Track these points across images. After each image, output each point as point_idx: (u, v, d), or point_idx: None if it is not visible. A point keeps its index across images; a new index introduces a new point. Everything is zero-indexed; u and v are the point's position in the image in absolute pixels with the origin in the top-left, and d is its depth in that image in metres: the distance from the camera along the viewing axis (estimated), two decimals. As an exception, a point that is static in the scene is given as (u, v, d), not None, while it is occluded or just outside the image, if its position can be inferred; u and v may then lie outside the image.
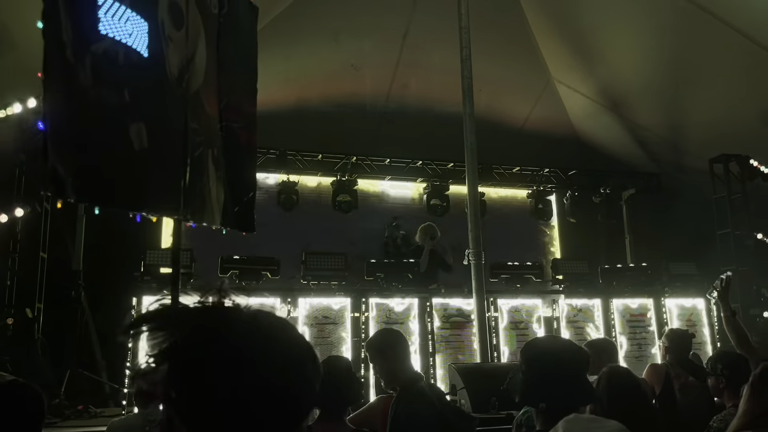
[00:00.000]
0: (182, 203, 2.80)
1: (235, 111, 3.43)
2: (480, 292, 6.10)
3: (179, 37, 2.83)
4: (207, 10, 3.15)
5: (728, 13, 6.62)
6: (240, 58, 3.57)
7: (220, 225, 3.27)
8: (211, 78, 3.16)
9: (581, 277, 7.83)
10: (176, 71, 2.80)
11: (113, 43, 2.34)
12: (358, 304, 6.64)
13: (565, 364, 1.94)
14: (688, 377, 4.27)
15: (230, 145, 3.35)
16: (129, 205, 2.53)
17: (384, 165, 9.79)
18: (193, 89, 2.97)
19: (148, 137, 2.50)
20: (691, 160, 9.40)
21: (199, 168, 3.01)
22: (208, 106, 3.13)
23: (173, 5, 2.77)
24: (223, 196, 3.24)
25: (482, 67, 7.10)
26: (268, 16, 7.69)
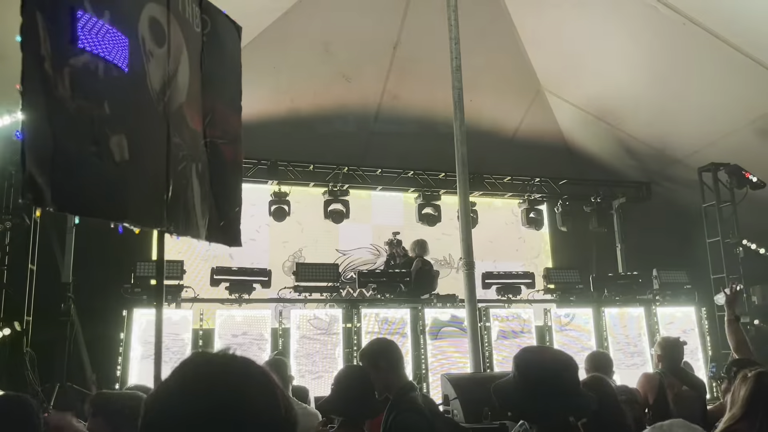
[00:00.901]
0: (165, 215, 2.83)
1: (220, 127, 3.47)
2: (472, 302, 6.09)
3: (161, 53, 2.88)
4: (190, 28, 3.21)
5: (715, 24, 6.70)
6: (224, 76, 3.62)
7: (205, 239, 3.30)
8: (194, 95, 3.21)
9: (573, 286, 7.87)
10: (158, 86, 2.84)
11: (92, 57, 2.38)
12: (350, 314, 6.63)
13: (562, 376, 1.91)
14: (682, 386, 4.26)
15: (215, 160, 3.39)
16: (109, 215, 2.55)
17: (375, 175, 9.79)
18: (176, 105, 3.01)
19: (129, 149, 2.53)
20: (680, 169, 9.47)
21: (183, 182, 3.03)
22: (191, 122, 3.17)
23: (154, 23, 2.82)
24: (208, 210, 3.27)
25: (473, 77, 7.14)
26: (258, 28, 7.71)
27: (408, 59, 8.48)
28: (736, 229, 8.70)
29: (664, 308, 7.83)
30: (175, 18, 3.00)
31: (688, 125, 8.56)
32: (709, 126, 8.33)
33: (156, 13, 2.85)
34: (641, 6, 6.84)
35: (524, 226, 10.42)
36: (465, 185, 6.31)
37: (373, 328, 6.69)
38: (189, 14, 3.21)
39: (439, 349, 6.88)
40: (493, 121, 9.36)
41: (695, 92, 7.89)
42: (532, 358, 2.08)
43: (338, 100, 8.83)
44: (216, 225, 3.34)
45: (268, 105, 8.68)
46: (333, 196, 9.32)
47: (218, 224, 3.37)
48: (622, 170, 10.44)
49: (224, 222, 3.44)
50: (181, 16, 3.10)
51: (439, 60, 6.85)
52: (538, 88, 9.37)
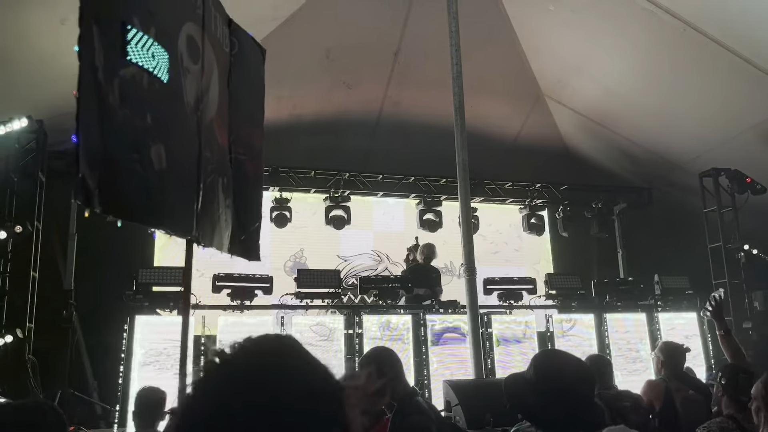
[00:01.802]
0: (195, 225, 2.95)
1: (244, 144, 3.64)
2: (473, 308, 6.09)
3: (196, 69, 3.04)
4: (220, 48, 3.39)
5: (715, 30, 6.72)
6: (248, 95, 3.82)
7: (228, 251, 3.43)
8: (222, 111, 3.36)
9: (574, 292, 7.86)
10: (192, 101, 2.99)
11: (139, 70, 2.52)
12: (351, 321, 6.63)
13: (579, 388, 1.88)
14: (688, 391, 4.24)
15: (238, 175, 3.55)
16: (148, 221, 2.67)
17: (377, 181, 9.82)
18: (207, 120, 3.16)
19: (167, 159, 2.66)
20: (681, 174, 9.48)
21: (211, 194, 3.16)
22: (219, 137, 3.33)
23: (191, 41, 2.98)
24: (231, 223, 3.40)
25: (473, 84, 7.16)
26: (259, 36, 7.73)
27: (409, 66, 8.51)
28: (737, 235, 8.70)
29: (666, 314, 7.82)
30: (208, 37, 3.17)
31: (688, 130, 8.57)
32: (709, 131, 8.34)
33: (193, 32, 3.01)
34: (640, 12, 6.86)
35: (525, 231, 10.43)
36: (466, 191, 6.33)
37: (375, 334, 6.68)
38: (220, 35, 3.40)
39: (440, 355, 6.87)
40: (493, 126, 9.39)
41: (695, 97, 7.91)
42: (554, 364, 2.03)
43: (339, 106, 8.86)
44: (237, 238, 3.47)
45: (269, 112, 8.61)
46: (334, 202, 9.34)
47: (239, 238, 3.50)
48: (623, 175, 10.46)
49: (245, 236, 3.58)
50: (213, 36, 3.27)
51: (440, 66, 6.88)
52: (539, 93, 9.40)
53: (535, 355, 2.07)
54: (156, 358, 5.80)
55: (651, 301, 7.99)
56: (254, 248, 3.73)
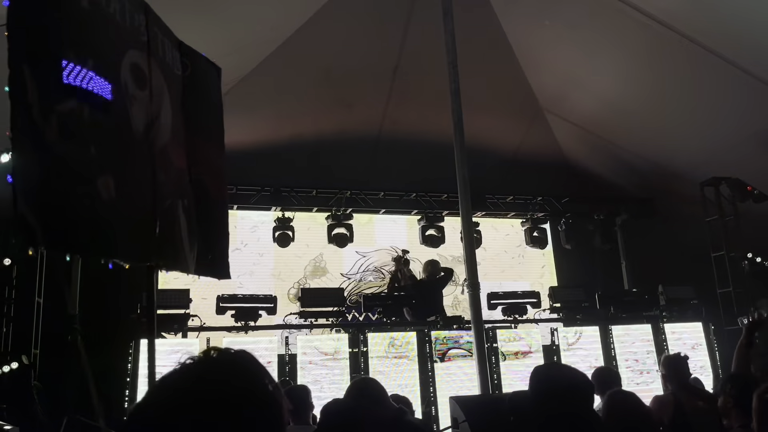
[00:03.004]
0: (153, 251, 2.94)
1: (204, 164, 3.62)
2: (478, 323, 6.07)
3: (143, 96, 3.02)
4: (170, 72, 3.38)
5: (711, 40, 6.77)
6: (206, 115, 3.80)
7: (194, 272, 3.41)
8: (178, 134, 3.35)
9: (579, 305, 7.85)
10: (142, 128, 2.97)
11: (78, 103, 2.49)
12: (356, 339, 6.62)
13: (576, 397, 1.90)
14: (698, 401, 4.20)
15: (201, 195, 3.53)
16: (99, 253, 2.64)
17: (378, 198, 9.85)
18: (160, 144, 3.14)
19: (116, 188, 2.64)
20: (682, 184, 9.49)
21: (170, 218, 3.15)
22: (176, 160, 3.31)
23: (135, 68, 2.96)
24: (196, 244, 3.39)
25: (472, 100, 7.20)
26: (259, 57, 7.84)
27: (408, 83, 8.58)
28: (740, 243, 8.69)
29: (672, 324, 7.79)
30: (155, 62, 3.15)
31: (688, 140, 8.60)
32: (709, 140, 8.36)
33: (137, 59, 2.99)
34: (636, 24, 6.92)
35: (528, 245, 10.42)
36: (467, 206, 6.34)
37: (379, 352, 6.67)
38: (169, 59, 3.37)
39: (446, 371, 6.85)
40: (493, 141, 9.43)
41: (694, 107, 7.95)
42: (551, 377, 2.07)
43: (339, 125, 8.91)
44: (204, 258, 3.45)
45: (270, 132, 8.78)
46: (336, 220, 9.37)
47: (206, 258, 3.48)
48: (624, 187, 10.47)
49: (212, 255, 3.55)
50: (161, 60, 3.25)
51: (439, 83, 6.92)
52: (537, 108, 9.45)
53: (534, 368, 2.09)
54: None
55: (656, 312, 7.96)
56: (223, 267, 3.71)
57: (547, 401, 1.88)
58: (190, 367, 1.04)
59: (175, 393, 1.00)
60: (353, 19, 7.67)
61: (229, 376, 1.02)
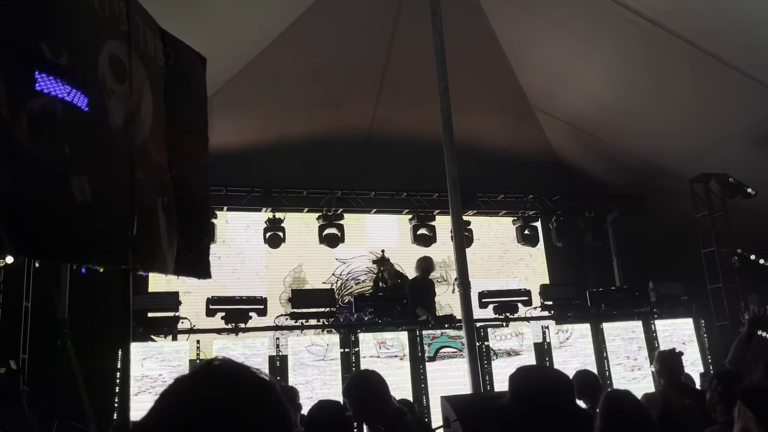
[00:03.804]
0: (130, 253, 2.80)
1: (186, 160, 3.45)
2: (469, 322, 6.07)
3: (122, 89, 2.86)
4: (152, 62, 3.20)
5: (699, 38, 6.79)
6: (189, 108, 3.61)
7: (173, 273, 3.25)
8: (158, 128, 3.19)
9: (570, 302, 7.86)
10: (120, 123, 2.82)
11: (50, 99, 2.34)
12: (347, 339, 6.60)
13: (554, 399, 1.90)
14: (685, 400, 4.23)
15: (182, 192, 3.36)
16: (72, 258, 2.56)
17: (369, 198, 9.82)
18: (140, 140, 2.99)
19: (91, 189, 2.50)
20: (672, 181, 9.52)
21: (148, 217, 3.00)
22: (156, 156, 3.15)
23: (115, 60, 2.81)
24: (175, 243, 3.24)
25: (462, 98, 7.20)
26: (247, 57, 7.80)
27: (397, 83, 8.57)
28: (730, 239, 8.72)
29: (663, 321, 7.82)
30: (136, 54, 2.98)
31: (677, 137, 8.63)
32: (698, 137, 8.40)
33: (116, 51, 2.82)
34: (624, 22, 6.93)
35: (519, 243, 10.44)
36: (457, 205, 6.33)
37: (371, 352, 6.66)
38: (151, 49, 3.20)
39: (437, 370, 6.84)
40: (484, 140, 9.43)
41: (683, 104, 7.97)
42: (525, 378, 2.07)
43: (329, 125, 8.89)
44: (184, 258, 3.30)
45: (259, 132, 8.75)
46: (327, 220, 9.34)
47: (186, 257, 3.32)
48: (615, 184, 10.50)
49: (192, 254, 3.39)
50: (142, 51, 3.08)
51: (428, 82, 6.91)
52: (527, 106, 9.46)
53: (510, 375, 2.07)
54: (152, 385, 5.76)
55: (647, 309, 7.98)
56: (203, 266, 3.55)
57: (528, 403, 1.88)
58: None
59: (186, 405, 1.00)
60: (341, 19, 7.65)
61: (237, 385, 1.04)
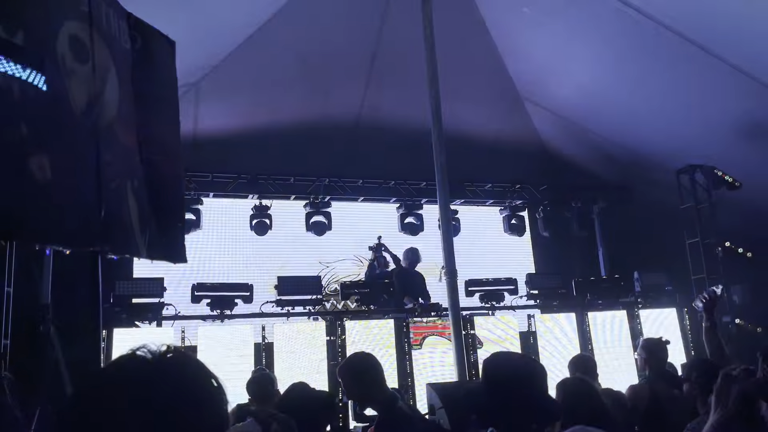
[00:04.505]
0: (98, 235, 2.77)
1: (157, 143, 3.43)
2: (455, 310, 6.09)
3: (84, 70, 2.83)
4: (117, 45, 3.17)
5: (687, 29, 6.79)
6: (159, 91, 3.59)
7: (147, 256, 3.25)
8: (126, 111, 3.16)
9: (555, 291, 7.90)
10: (83, 103, 2.80)
11: (6, 79, 2.32)
12: (333, 327, 6.59)
13: (525, 382, 1.92)
14: (673, 390, 4.25)
15: (153, 176, 3.34)
16: (34, 238, 2.53)
17: (357, 186, 9.80)
18: (105, 122, 2.96)
19: (52, 169, 2.47)
20: (659, 172, 9.57)
21: (117, 200, 2.99)
22: (124, 139, 3.12)
23: (75, 40, 2.78)
24: (147, 227, 3.22)
25: (451, 87, 7.17)
26: (235, 43, 7.71)
27: (386, 70, 8.51)
28: (714, 230, 8.80)
29: (647, 310, 7.88)
30: (99, 35, 2.95)
31: (665, 128, 8.66)
32: (685, 129, 8.43)
33: (77, 31, 2.80)
34: (613, 12, 6.92)
35: (506, 232, 10.47)
36: (445, 193, 6.33)
37: (357, 339, 6.65)
38: (116, 30, 3.16)
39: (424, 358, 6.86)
40: (472, 129, 9.41)
41: (671, 96, 7.99)
42: (498, 363, 2.10)
43: (317, 112, 8.83)
44: (157, 241, 3.29)
45: (246, 119, 8.67)
46: (314, 208, 9.31)
47: (159, 240, 3.32)
48: (602, 175, 10.54)
49: (165, 238, 3.38)
50: (106, 32, 3.05)
51: (417, 70, 6.87)
52: (516, 95, 9.45)
53: (483, 362, 2.09)
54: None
55: (631, 299, 8.04)
56: (178, 250, 3.55)
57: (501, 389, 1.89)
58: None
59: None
60: (330, 5, 7.58)
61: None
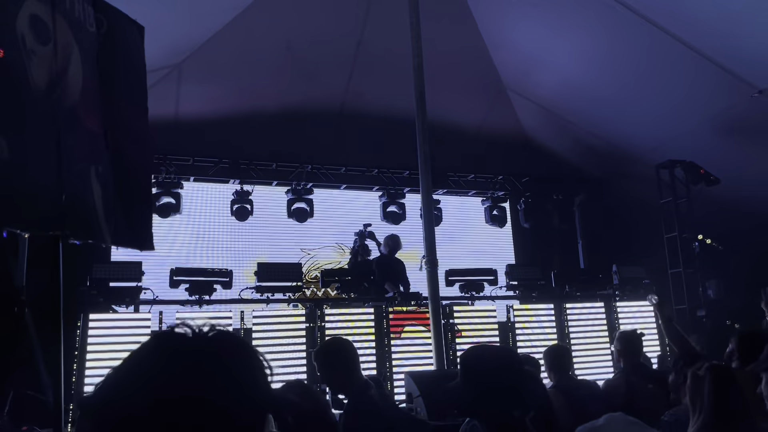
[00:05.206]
0: (59, 220, 2.73)
1: (124, 129, 3.38)
2: (435, 300, 6.11)
3: (45, 51, 2.80)
4: (81, 27, 3.13)
5: (671, 24, 6.83)
6: (125, 76, 3.53)
7: (112, 243, 3.22)
8: (91, 95, 3.12)
9: (535, 282, 7.95)
10: (43, 85, 2.77)
11: None
12: (313, 314, 6.57)
13: (503, 372, 1.93)
14: (648, 385, 4.30)
15: (120, 162, 3.30)
16: None
17: (340, 173, 9.77)
18: (68, 105, 2.92)
19: (9, 150, 2.45)
20: (639, 166, 9.65)
21: (80, 185, 2.95)
22: (88, 123, 3.08)
23: (36, 20, 2.74)
24: (112, 213, 3.18)
25: (436, 76, 7.15)
26: (217, 26, 7.60)
27: (371, 57, 8.46)
28: (692, 225, 8.91)
29: (624, 303, 7.97)
30: (61, 16, 2.92)
31: (646, 123, 8.72)
32: (666, 123, 8.50)
33: (38, 11, 2.76)
34: (597, 5, 6.94)
35: (487, 223, 10.51)
36: (427, 183, 6.33)
37: (337, 327, 6.65)
38: (80, 13, 3.12)
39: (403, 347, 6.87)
40: (456, 118, 9.40)
41: (653, 90, 8.05)
42: (474, 355, 2.12)
43: (301, 97, 8.75)
44: (123, 228, 3.25)
45: (228, 102, 8.57)
46: (296, 194, 9.26)
47: (126, 228, 3.28)
48: (584, 168, 10.61)
49: (132, 225, 3.34)
50: (69, 14, 3.02)
51: (403, 58, 6.84)
52: (501, 86, 9.45)
53: (460, 357, 2.10)
54: (111, 356, 5.66)
55: (609, 291, 8.12)
56: (145, 237, 3.48)
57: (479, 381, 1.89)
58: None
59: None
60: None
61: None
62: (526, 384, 1.92)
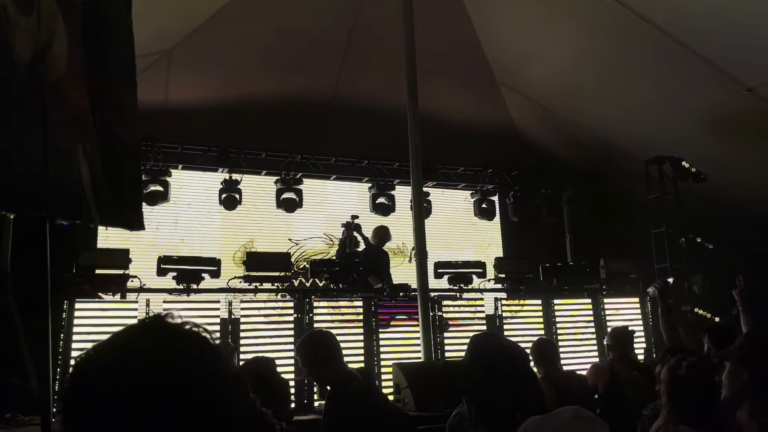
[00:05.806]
0: (45, 200, 2.65)
1: (112, 105, 3.26)
2: (424, 292, 6.12)
3: (28, 23, 2.69)
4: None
5: (661, 19, 6.85)
6: (113, 49, 3.38)
7: (100, 224, 3.11)
8: (76, 69, 3.01)
9: (522, 276, 7.98)
10: (27, 59, 2.66)
11: None
12: (302, 305, 6.55)
13: (510, 362, 1.92)
14: (633, 372, 4.40)
15: (108, 140, 3.18)
16: None
17: (330, 164, 9.73)
18: (53, 78, 2.82)
19: None
20: (628, 162, 9.70)
21: (66, 163, 2.84)
22: (75, 99, 2.97)
23: None
24: (101, 193, 3.09)
25: (428, 67, 7.12)
26: (207, 13, 7.52)
27: (363, 47, 8.40)
28: (679, 221, 8.97)
29: (611, 298, 8.02)
30: None
31: (635, 118, 8.76)
32: (655, 119, 8.54)
33: None
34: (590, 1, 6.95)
35: (476, 216, 10.53)
36: (418, 175, 6.33)
37: (325, 318, 6.64)
38: None
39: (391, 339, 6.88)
40: (447, 111, 9.38)
41: (642, 86, 8.08)
42: (486, 340, 2.13)
43: (292, 86, 8.69)
44: (112, 209, 3.15)
45: (218, 90, 8.50)
46: (285, 184, 9.22)
47: (115, 207, 3.18)
48: (573, 162, 10.64)
49: (121, 205, 3.24)
50: None
51: (395, 49, 6.81)
52: (492, 79, 9.44)
53: (471, 337, 2.10)
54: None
55: (596, 285, 8.17)
56: (135, 218, 3.37)
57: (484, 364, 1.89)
58: None
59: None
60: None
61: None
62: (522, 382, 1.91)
